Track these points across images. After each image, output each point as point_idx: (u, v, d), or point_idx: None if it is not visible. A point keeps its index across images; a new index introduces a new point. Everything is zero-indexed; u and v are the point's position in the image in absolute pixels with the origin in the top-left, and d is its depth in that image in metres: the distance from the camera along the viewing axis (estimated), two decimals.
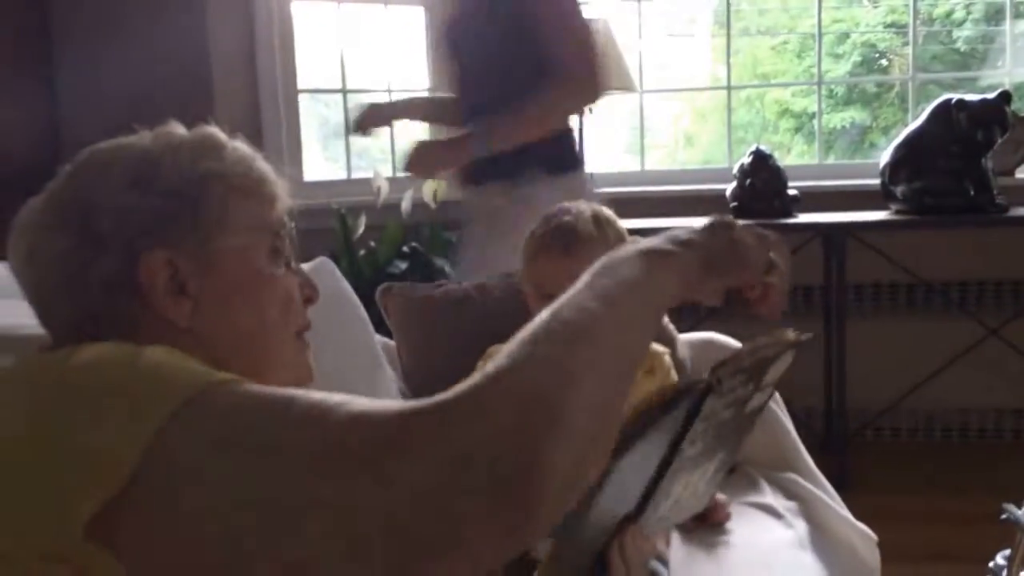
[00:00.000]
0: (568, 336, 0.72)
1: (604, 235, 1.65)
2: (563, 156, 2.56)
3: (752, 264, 0.97)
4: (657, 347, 1.82)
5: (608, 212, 1.71)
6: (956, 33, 4.41)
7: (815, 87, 4.19)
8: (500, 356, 0.70)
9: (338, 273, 1.96)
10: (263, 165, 0.99)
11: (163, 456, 0.68)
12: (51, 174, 0.96)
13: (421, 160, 2.57)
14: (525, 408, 0.67)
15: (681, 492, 1.16)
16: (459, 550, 0.64)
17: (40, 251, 0.90)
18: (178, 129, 0.98)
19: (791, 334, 1.10)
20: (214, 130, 0.99)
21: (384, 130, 2.88)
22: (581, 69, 2.43)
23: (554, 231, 1.64)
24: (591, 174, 2.76)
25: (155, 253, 0.88)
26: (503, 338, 0.75)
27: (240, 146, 0.99)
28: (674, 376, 1.78)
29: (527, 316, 1.26)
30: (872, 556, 1.84)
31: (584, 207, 1.69)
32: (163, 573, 0.69)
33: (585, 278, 0.82)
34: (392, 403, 0.69)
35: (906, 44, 4.07)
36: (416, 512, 0.64)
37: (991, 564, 2.15)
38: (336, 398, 0.71)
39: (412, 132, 3.67)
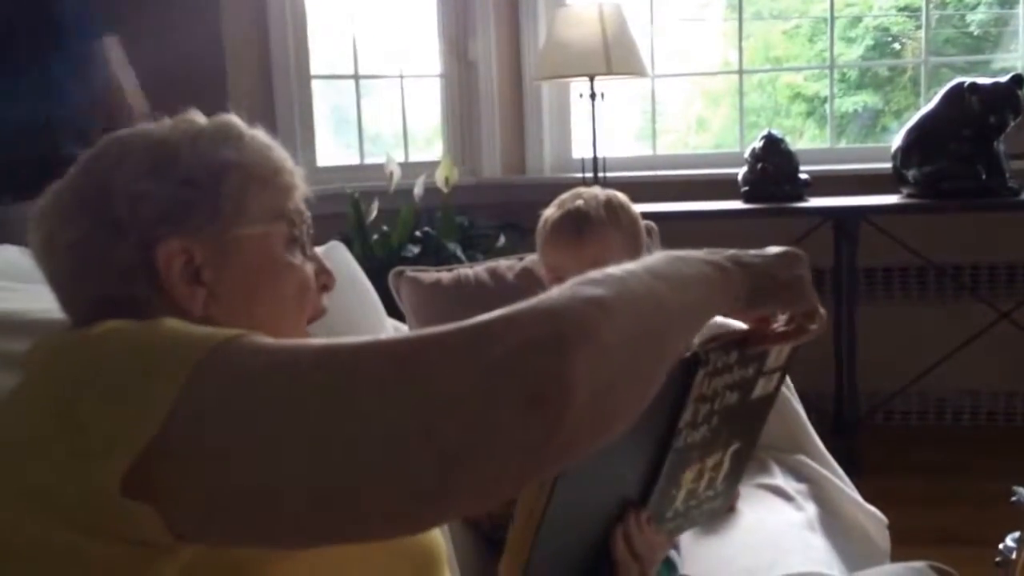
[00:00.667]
0: (608, 282, 0.73)
1: (616, 220, 1.66)
2: None
3: (801, 304, 0.98)
4: None
5: (622, 197, 1.72)
6: (970, 17, 4.39)
7: (827, 71, 4.18)
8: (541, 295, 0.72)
9: (350, 257, 1.97)
10: (281, 154, 0.99)
11: (190, 405, 0.69)
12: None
13: None
14: (558, 324, 0.68)
15: (694, 485, 1.15)
16: (490, 460, 0.65)
17: (58, 237, 0.90)
18: (198, 117, 0.98)
19: None
20: (233, 119, 0.99)
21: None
22: None
23: (566, 216, 1.65)
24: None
25: (172, 241, 0.89)
26: None
27: (258, 135, 0.99)
28: None
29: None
30: (883, 538, 1.85)
31: (598, 191, 1.70)
32: (199, 516, 0.70)
33: (646, 258, 0.82)
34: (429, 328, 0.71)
35: (919, 28, 4.05)
36: (448, 419, 0.65)
37: (1001, 546, 2.16)
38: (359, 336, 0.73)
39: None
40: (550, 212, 1.70)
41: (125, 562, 0.71)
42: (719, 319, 2.09)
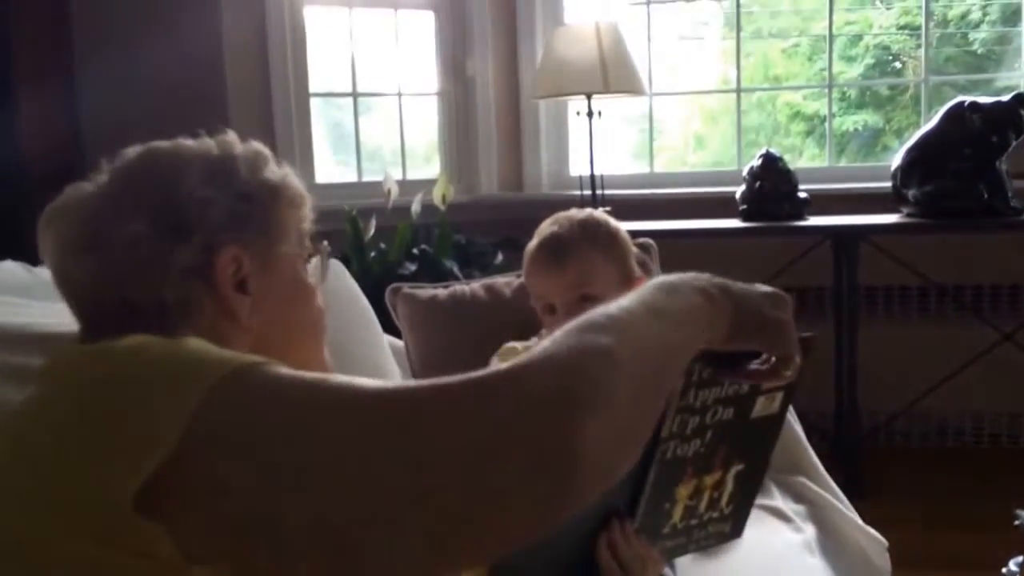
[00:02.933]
0: (613, 328, 0.73)
1: (594, 239, 1.65)
2: None
3: (784, 345, 0.96)
4: None
5: (599, 215, 1.72)
6: (972, 35, 4.39)
7: (827, 90, 4.17)
8: (543, 342, 0.72)
9: (347, 274, 1.97)
10: (301, 185, 1.05)
11: (204, 427, 0.70)
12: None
13: None
14: (566, 381, 0.67)
15: (692, 502, 1.13)
16: (494, 521, 0.66)
17: (109, 237, 0.91)
18: (234, 139, 1.03)
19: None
20: (262, 146, 1.04)
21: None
22: None
23: (542, 245, 1.66)
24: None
25: (230, 248, 0.94)
26: (512, 338, 0.76)
27: (282, 162, 1.05)
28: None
29: (536, 316, 1.29)
30: (882, 561, 1.83)
31: (575, 214, 1.70)
32: (207, 539, 0.71)
33: (640, 290, 0.83)
34: (430, 380, 0.71)
35: (920, 46, 4.04)
36: (453, 480, 0.65)
37: (1004, 570, 2.14)
38: (367, 379, 0.74)
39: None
40: (531, 242, 1.71)
41: (141, 574, 0.72)
42: None
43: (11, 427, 0.84)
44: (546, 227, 1.69)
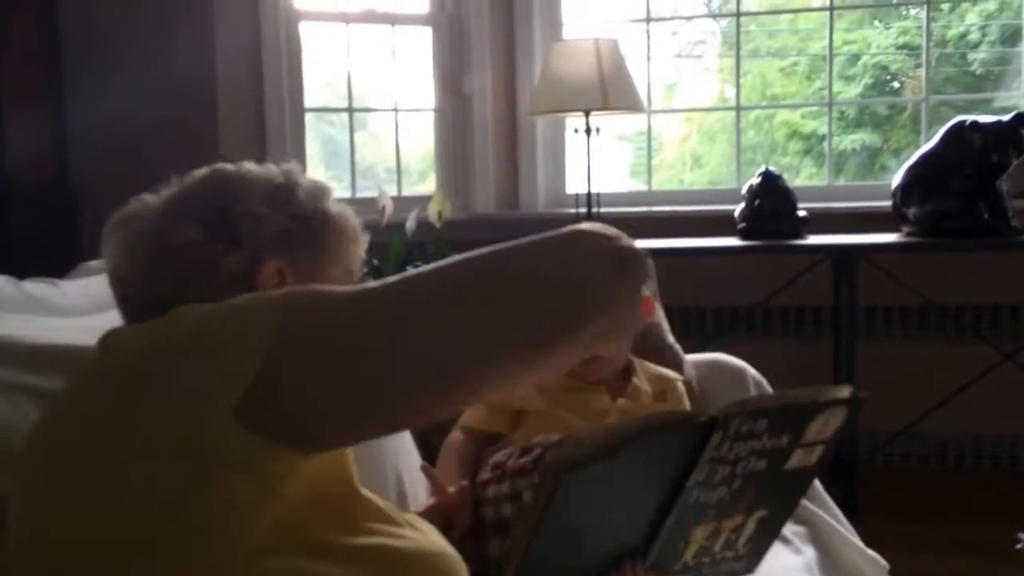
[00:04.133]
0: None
1: None
2: None
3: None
4: (669, 373, 1.78)
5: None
6: (972, 55, 4.38)
7: (825, 109, 4.16)
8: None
9: None
10: (358, 223, 1.16)
11: (292, 330, 0.83)
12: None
13: None
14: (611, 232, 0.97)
15: (707, 542, 1.13)
16: (611, 305, 0.90)
17: (170, 239, 1.02)
18: (298, 168, 1.14)
19: (841, 391, 1.07)
20: (323, 182, 1.15)
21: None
22: None
23: None
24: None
25: (275, 261, 1.04)
26: None
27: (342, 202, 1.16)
28: (686, 403, 1.75)
29: None
30: None
31: None
32: (324, 423, 0.85)
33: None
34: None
35: (919, 66, 4.03)
36: (577, 271, 0.90)
37: None
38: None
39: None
40: None
41: (243, 490, 0.83)
42: (724, 357, 2.05)
43: (72, 400, 0.93)
44: None
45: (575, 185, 4.00)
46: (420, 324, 0.85)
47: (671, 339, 2.03)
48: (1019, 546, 2.18)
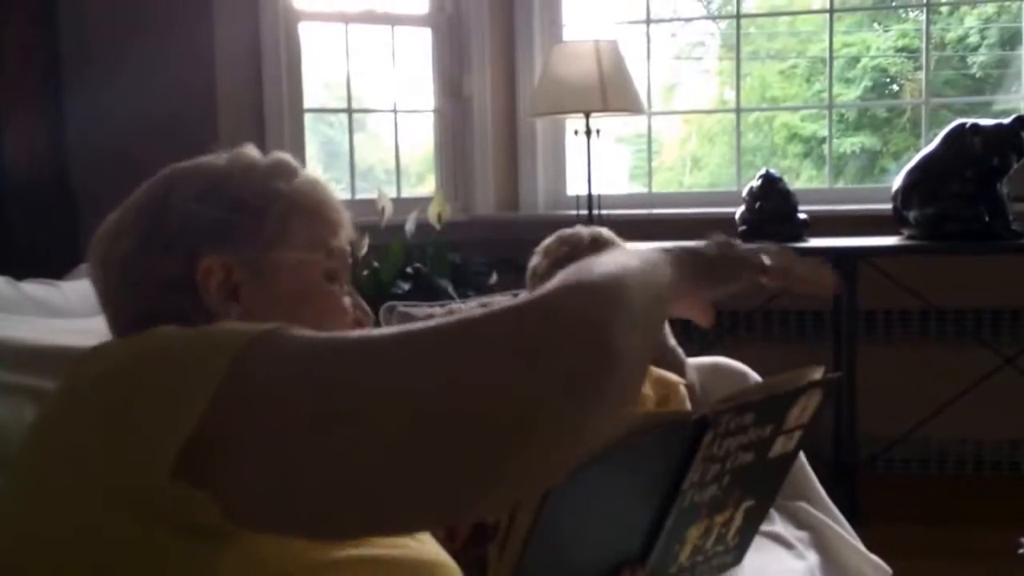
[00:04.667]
0: (604, 263, 0.76)
1: None
2: None
3: (743, 269, 1.04)
4: (672, 376, 1.78)
5: (607, 233, 1.68)
6: (971, 58, 4.38)
7: (825, 111, 4.16)
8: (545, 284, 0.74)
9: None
10: (328, 191, 1.07)
11: (236, 386, 0.71)
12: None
13: None
14: (591, 297, 0.71)
15: (701, 541, 1.12)
16: (535, 437, 0.66)
17: (112, 255, 0.98)
18: (254, 152, 1.05)
19: (815, 372, 1.07)
20: (287, 156, 1.07)
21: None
22: None
23: (553, 265, 1.61)
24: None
25: (213, 256, 0.96)
26: None
27: (310, 174, 1.07)
28: (688, 407, 1.74)
29: None
30: None
31: (583, 232, 1.67)
32: (253, 491, 0.71)
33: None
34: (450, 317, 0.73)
35: (918, 69, 4.03)
36: (490, 401, 0.65)
37: None
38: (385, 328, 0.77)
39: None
40: (537, 261, 1.67)
41: (184, 552, 0.74)
42: (725, 361, 2.05)
43: (45, 420, 0.86)
44: (554, 246, 1.65)
45: (575, 187, 4.00)
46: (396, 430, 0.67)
47: (673, 342, 2.03)
48: (1021, 551, 2.17)
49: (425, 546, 1.00)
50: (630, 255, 0.83)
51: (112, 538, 0.74)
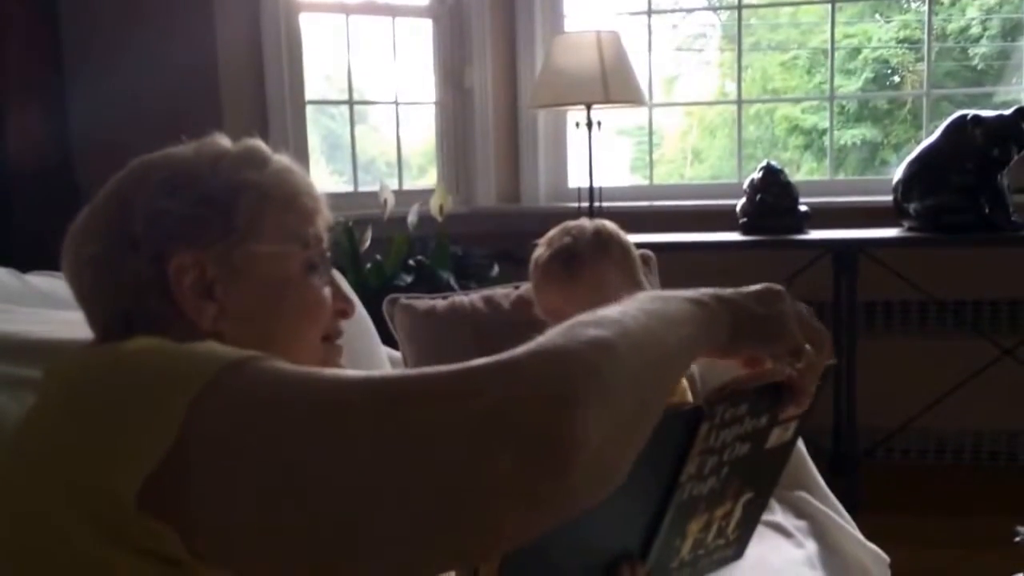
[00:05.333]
0: (610, 324, 0.72)
1: (607, 251, 1.61)
2: None
3: (783, 341, 0.95)
4: None
5: (611, 226, 1.67)
6: (972, 50, 4.38)
7: (826, 103, 4.16)
8: (539, 337, 0.70)
9: (346, 283, 1.94)
10: (302, 179, 1.02)
11: (200, 424, 0.70)
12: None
13: None
14: (564, 369, 0.66)
15: (701, 535, 1.11)
16: (487, 515, 0.64)
17: (81, 253, 0.94)
18: (223, 141, 1.01)
19: None
20: (258, 144, 1.01)
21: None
22: None
23: (555, 257, 1.61)
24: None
25: (184, 255, 0.91)
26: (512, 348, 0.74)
27: (282, 159, 1.02)
28: (689, 398, 1.75)
29: (537, 327, 1.22)
30: None
31: (585, 224, 1.65)
32: (212, 533, 0.70)
33: (630, 299, 0.81)
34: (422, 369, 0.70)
35: (919, 60, 4.03)
36: (445, 471, 0.63)
37: None
38: (364, 372, 0.73)
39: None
40: (540, 252, 1.65)
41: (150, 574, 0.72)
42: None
43: (18, 433, 0.85)
44: (557, 237, 1.63)
45: (577, 179, 4.00)
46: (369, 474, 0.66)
47: None
48: (1018, 539, 2.18)
49: None
50: (646, 304, 0.80)
51: (70, 555, 0.73)
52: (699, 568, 1.18)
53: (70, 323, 1.35)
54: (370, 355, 1.92)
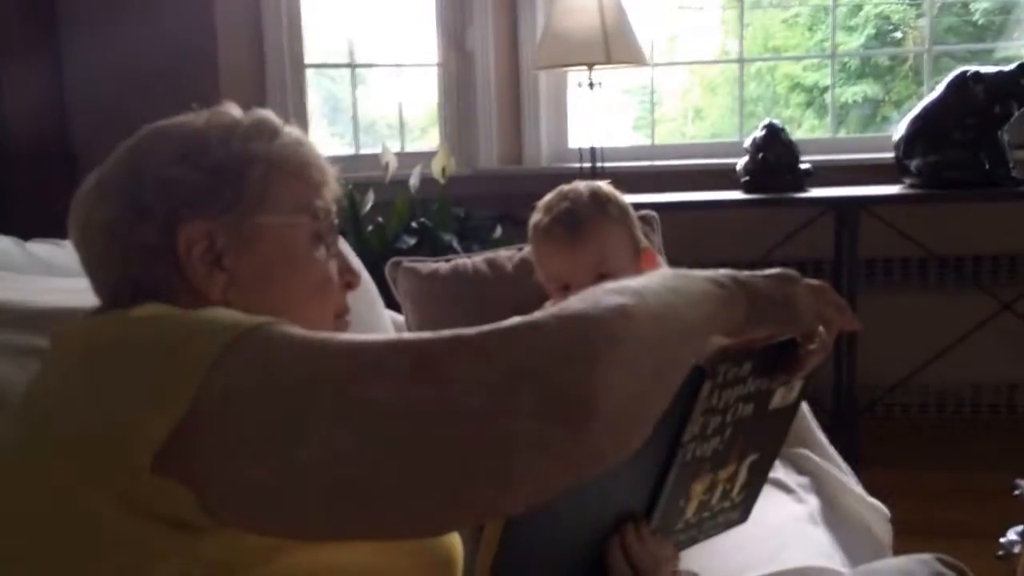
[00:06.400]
0: (632, 293, 0.74)
1: (606, 212, 1.61)
2: None
3: (798, 325, 0.98)
4: None
5: (606, 187, 1.67)
6: (974, 5, 4.35)
7: (828, 60, 4.15)
8: (563, 302, 0.72)
9: (348, 248, 1.95)
10: (312, 151, 1.02)
11: (218, 384, 0.71)
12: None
13: None
14: (584, 330, 0.68)
15: (706, 496, 1.12)
16: (503, 470, 0.65)
17: (92, 219, 0.94)
18: (233, 111, 1.01)
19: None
20: (269, 114, 1.02)
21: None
22: None
23: (556, 221, 1.60)
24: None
25: (194, 223, 0.92)
26: (515, 312, 0.75)
27: (292, 131, 1.02)
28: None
29: (540, 290, 1.24)
30: (884, 531, 1.82)
31: (581, 187, 1.64)
32: (227, 497, 0.71)
33: (651, 273, 0.83)
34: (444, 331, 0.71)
35: (921, 16, 4.01)
36: (469, 425, 0.65)
37: (1003, 540, 2.15)
38: (375, 335, 0.75)
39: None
40: (539, 218, 1.63)
41: (160, 539, 0.73)
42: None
43: (27, 399, 0.85)
44: (555, 201, 1.62)
45: (578, 140, 4.00)
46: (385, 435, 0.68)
47: None
48: (1018, 492, 2.21)
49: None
50: (668, 280, 0.81)
51: (86, 518, 0.74)
52: (704, 530, 1.19)
53: (72, 291, 1.36)
54: (373, 319, 1.93)
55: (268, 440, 0.69)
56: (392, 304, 2.10)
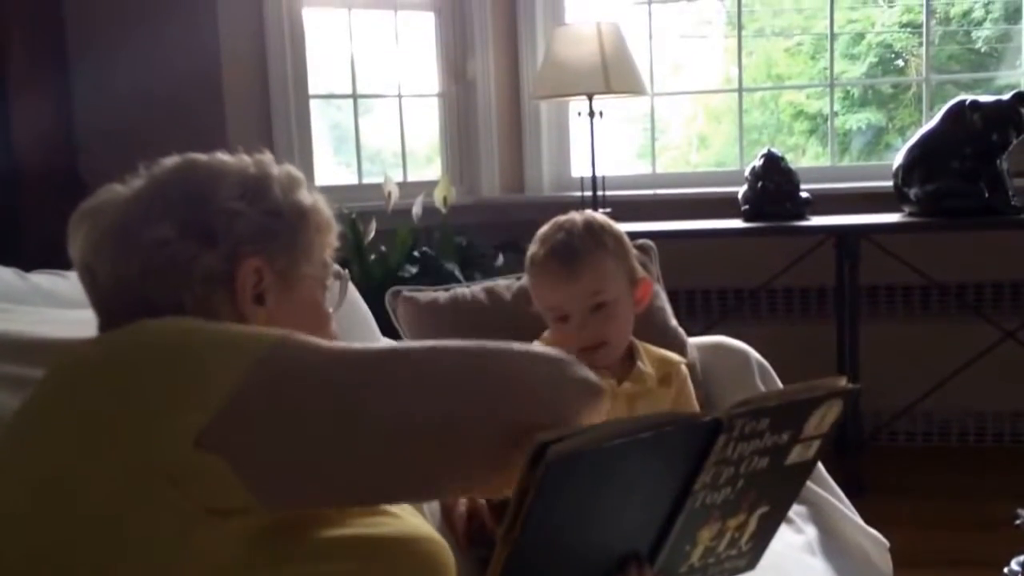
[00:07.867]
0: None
1: (602, 243, 1.61)
2: None
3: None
4: (673, 356, 1.77)
5: (600, 217, 1.68)
6: (975, 33, 4.37)
7: (829, 88, 4.16)
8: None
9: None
10: (327, 206, 1.11)
11: (265, 375, 0.82)
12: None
13: None
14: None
15: (713, 543, 1.12)
16: (563, 410, 0.94)
17: (139, 236, 0.97)
18: (270, 159, 1.08)
19: (837, 382, 1.06)
20: (296, 170, 1.10)
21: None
22: None
23: (552, 253, 1.60)
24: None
25: (253, 260, 0.99)
26: (514, 340, 0.96)
27: (314, 190, 1.11)
28: (690, 387, 1.74)
29: (536, 321, 1.40)
30: (884, 561, 1.82)
31: (576, 218, 1.65)
32: (267, 475, 0.81)
33: None
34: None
35: (922, 44, 4.03)
36: (531, 402, 0.94)
37: (1006, 570, 2.13)
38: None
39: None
40: (535, 250, 1.64)
41: (199, 521, 0.79)
42: (727, 340, 2.04)
43: (51, 402, 0.89)
44: (550, 233, 1.63)
45: (580, 168, 4.01)
46: (405, 412, 0.87)
47: (674, 322, 2.05)
48: (1019, 522, 2.19)
49: (407, 521, 1.01)
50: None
51: (135, 507, 0.79)
52: (708, 574, 1.18)
53: (74, 323, 1.36)
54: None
55: (321, 418, 0.83)
56: (391, 332, 2.11)
